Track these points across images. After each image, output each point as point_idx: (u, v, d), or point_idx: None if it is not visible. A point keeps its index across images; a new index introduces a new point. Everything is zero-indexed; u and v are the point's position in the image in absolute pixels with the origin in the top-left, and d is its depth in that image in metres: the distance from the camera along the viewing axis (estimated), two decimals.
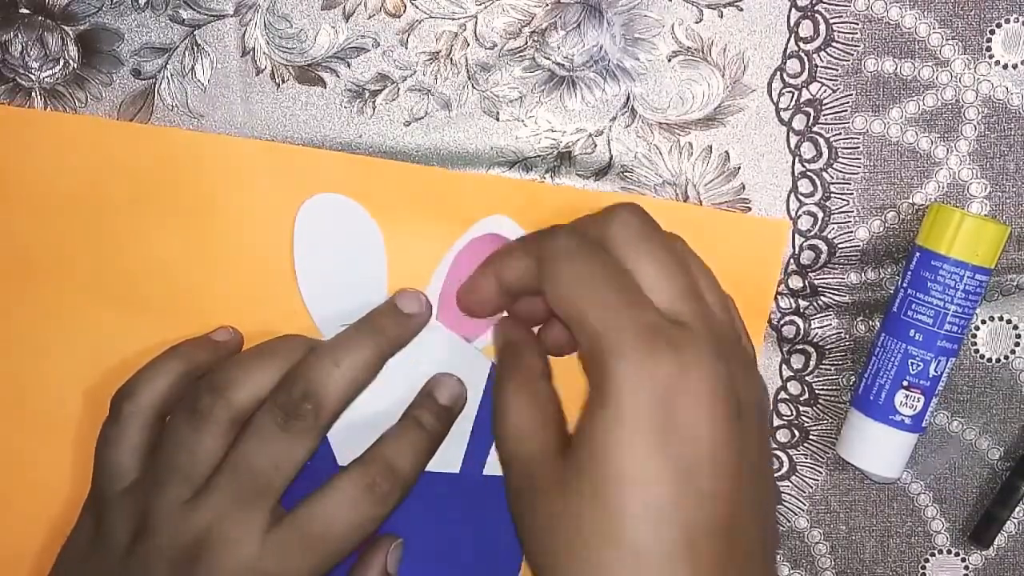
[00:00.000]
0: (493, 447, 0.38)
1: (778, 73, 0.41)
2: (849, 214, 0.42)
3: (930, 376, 0.39)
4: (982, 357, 0.42)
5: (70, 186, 0.39)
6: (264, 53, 0.40)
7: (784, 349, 0.42)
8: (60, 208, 0.39)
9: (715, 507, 0.29)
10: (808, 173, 0.41)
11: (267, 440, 0.35)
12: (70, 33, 0.39)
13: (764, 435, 0.33)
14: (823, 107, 0.41)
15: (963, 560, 0.43)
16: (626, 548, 0.29)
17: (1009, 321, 0.42)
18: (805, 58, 0.41)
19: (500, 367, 0.36)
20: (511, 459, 0.33)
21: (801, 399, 0.42)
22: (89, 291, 0.40)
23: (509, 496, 0.33)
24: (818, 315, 0.42)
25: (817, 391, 0.42)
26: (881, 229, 0.42)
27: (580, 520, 0.30)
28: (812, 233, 0.42)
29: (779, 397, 0.42)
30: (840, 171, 0.41)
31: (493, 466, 0.40)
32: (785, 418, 0.43)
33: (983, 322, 0.42)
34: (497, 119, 0.40)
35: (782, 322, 0.42)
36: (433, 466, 0.39)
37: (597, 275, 0.31)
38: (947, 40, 0.41)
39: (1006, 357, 0.42)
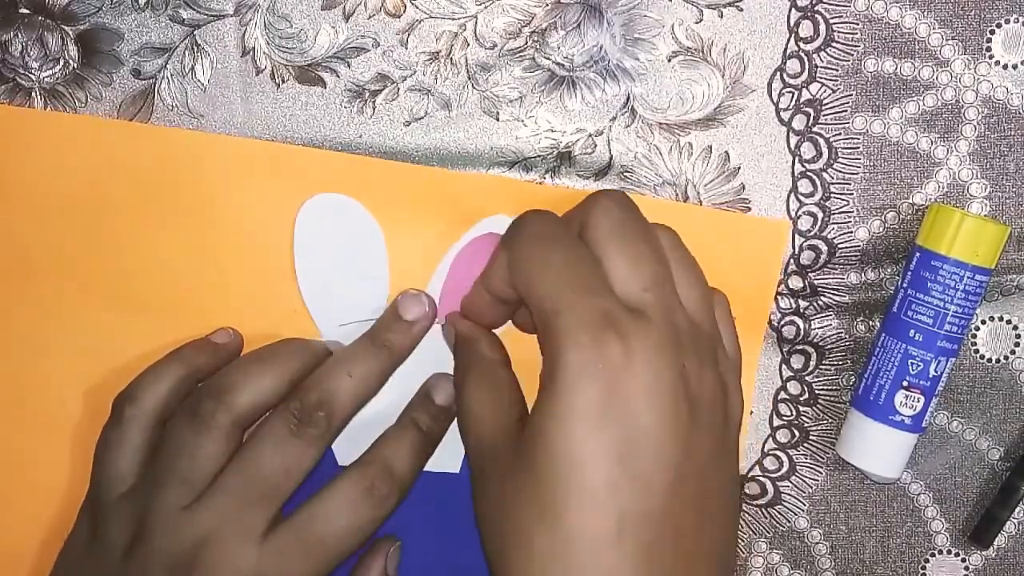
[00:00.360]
0: None
1: (778, 73, 0.41)
2: (849, 214, 0.42)
3: (930, 376, 0.39)
4: (982, 357, 0.42)
5: (70, 186, 0.39)
6: (264, 53, 0.40)
7: (784, 350, 0.42)
8: (60, 208, 0.39)
9: (649, 495, 0.30)
10: (808, 173, 0.41)
11: (280, 445, 0.35)
12: (70, 33, 0.39)
13: (720, 443, 0.33)
14: (823, 107, 0.41)
15: (963, 560, 0.43)
16: (560, 532, 0.29)
17: (1009, 321, 0.42)
18: (805, 58, 0.41)
19: (457, 358, 0.37)
20: (471, 447, 0.34)
21: (801, 399, 0.42)
22: (89, 291, 0.40)
23: (471, 476, 0.33)
24: (818, 315, 0.42)
25: (817, 391, 0.42)
26: (881, 229, 0.42)
27: (521, 504, 0.30)
28: (812, 233, 0.42)
29: (779, 397, 0.42)
30: (840, 171, 0.41)
31: None
32: (785, 418, 0.43)
33: (983, 322, 0.42)
34: (497, 119, 0.40)
35: (782, 322, 0.42)
36: (433, 466, 0.39)
37: (558, 258, 0.32)
38: (947, 40, 0.41)
39: (1006, 357, 0.42)
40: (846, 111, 0.41)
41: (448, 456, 0.40)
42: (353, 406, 0.36)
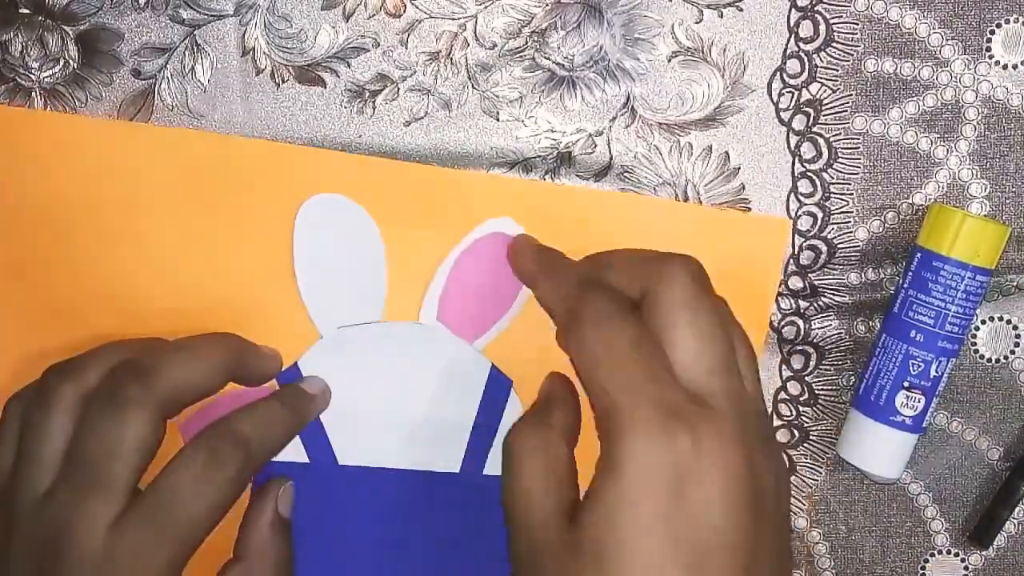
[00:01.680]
0: (493, 447, 0.38)
1: (778, 73, 0.41)
2: (849, 214, 0.42)
3: (931, 376, 0.39)
4: (982, 357, 0.42)
5: (69, 186, 0.39)
6: (264, 53, 0.40)
7: (784, 350, 0.42)
8: (59, 208, 0.39)
9: None
10: (808, 173, 0.41)
11: (95, 425, 0.33)
12: (70, 33, 0.39)
13: (780, 521, 0.31)
14: (823, 107, 0.41)
15: (963, 560, 0.43)
16: None
17: (1009, 321, 0.42)
18: (805, 58, 0.41)
19: (527, 417, 0.34)
20: (518, 520, 0.31)
21: (801, 399, 0.43)
22: (88, 291, 0.39)
23: (512, 555, 0.31)
24: (818, 316, 0.42)
25: (817, 391, 0.42)
26: (881, 229, 0.42)
27: None
28: (812, 233, 0.42)
29: (779, 397, 0.42)
30: (840, 171, 0.41)
31: (493, 466, 0.40)
32: (785, 418, 0.43)
33: (983, 322, 0.42)
34: (497, 119, 0.40)
35: (782, 323, 0.42)
36: (433, 466, 0.39)
37: (622, 344, 0.30)
38: (947, 40, 0.41)
39: (1006, 357, 0.43)
40: (846, 111, 0.41)
41: (448, 456, 0.40)
42: (178, 378, 0.34)
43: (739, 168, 0.41)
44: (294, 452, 0.40)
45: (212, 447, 0.34)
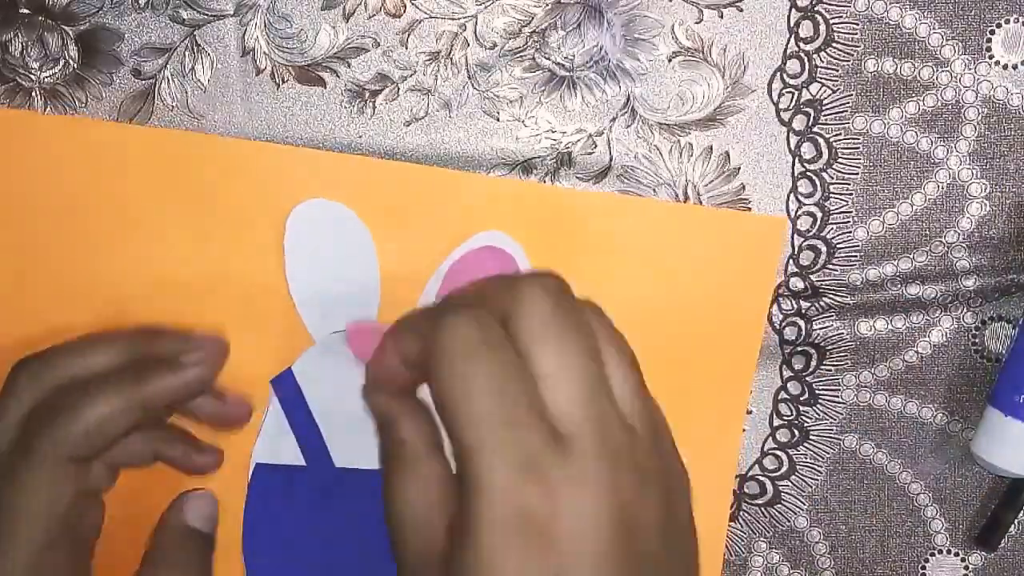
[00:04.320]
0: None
1: (778, 73, 0.41)
2: (849, 214, 0.42)
3: None
4: (983, 357, 0.42)
5: (65, 188, 0.39)
6: (264, 53, 0.40)
7: (785, 351, 0.42)
8: (55, 210, 0.39)
9: None
10: (808, 173, 0.41)
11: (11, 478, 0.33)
12: (70, 33, 0.39)
13: (670, 554, 0.30)
14: (823, 107, 0.41)
15: (963, 560, 0.43)
16: None
17: (1009, 321, 0.42)
18: (805, 58, 0.41)
19: (381, 443, 0.33)
20: (398, 553, 0.31)
21: (801, 399, 0.43)
22: (84, 293, 0.39)
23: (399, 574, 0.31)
24: (820, 316, 0.42)
25: (817, 391, 0.42)
26: (881, 229, 0.42)
27: None
28: (812, 233, 0.42)
29: (779, 397, 0.43)
30: (840, 171, 0.41)
31: None
32: (785, 418, 0.43)
33: (983, 322, 0.42)
34: (497, 119, 0.40)
35: (784, 323, 0.42)
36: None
37: (480, 381, 0.28)
38: (947, 40, 0.41)
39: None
40: (846, 111, 0.41)
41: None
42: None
43: (739, 168, 0.41)
44: (291, 455, 0.40)
45: (23, 439, 0.33)
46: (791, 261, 0.42)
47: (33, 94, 0.39)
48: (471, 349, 0.29)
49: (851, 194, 0.41)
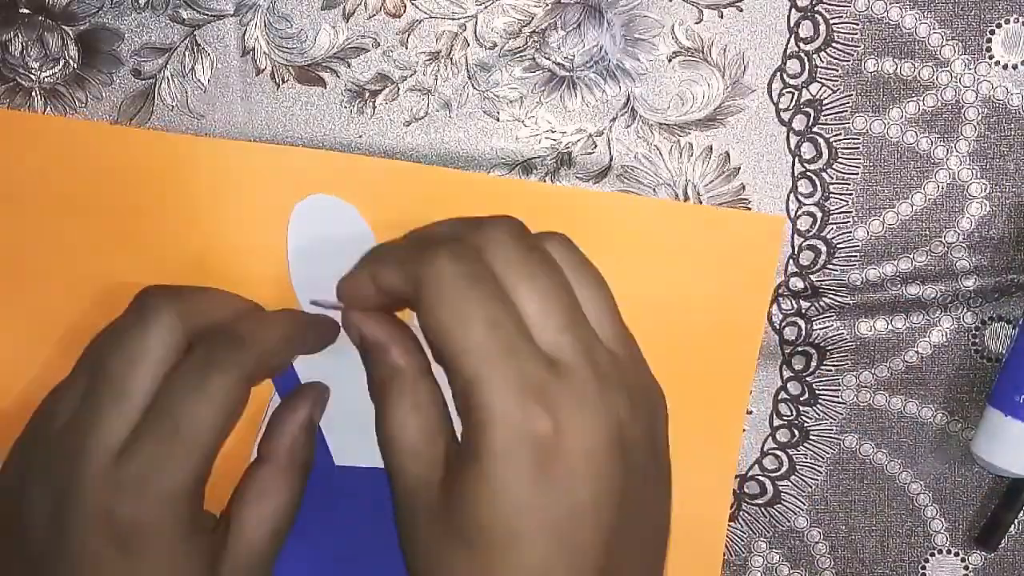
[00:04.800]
0: None
1: (778, 73, 0.41)
2: (849, 214, 0.42)
3: None
4: (982, 357, 0.42)
5: (65, 190, 0.39)
6: (264, 53, 0.40)
7: (785, 351, 0.42)
8: (56, 211, 0.39)
9: (586, 557, 0.29)
10: (808, 173, 0.41)
11: (180, 386, 0.32)
12: (70, 33, 0.39)
13: (652, 468, 0.32)
14: (823, 107, 0.41)
15: (963, 560, 0.43)
16: None
17: (1009, 321, 0.42)
18: (805, 58, 0.41)
19: (369, 369, 0.33)
20: (395, 477, 0.31)
21: (801, 399, 0.43)
22: (84, 293, 0.39)
23: (395, 505, 0.31)
24: (820, 316, 0.42)
25: (817, 391, 0.42)
26: (881, 229, 0.42)
27: (450, 563, 0.29)
28: (812, 233, 0.42)
29: (779, 397, 0.42)
30: (840, 171, 0.41)
31: None
32: (785, 418, 0.43)
33: (983, 322, 0.42)
34: (497, 119, 0.40)
35: (784, 324, 0.42)
36: None
37: (475, 312, 0.29)
38: (947, 40, 0.41)
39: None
40: (846, 111, 0.41)
41: None
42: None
43: (739, 168, 0.41)
44: None
45: (206, 348, 0.32)
46: (791, 261, 0.42)
47: (33, 94, 0.39)
48: (462, 281, 0.29)
49: (851, 194, 0.41)
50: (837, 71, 0.41)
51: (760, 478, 0.43)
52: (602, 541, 0.29)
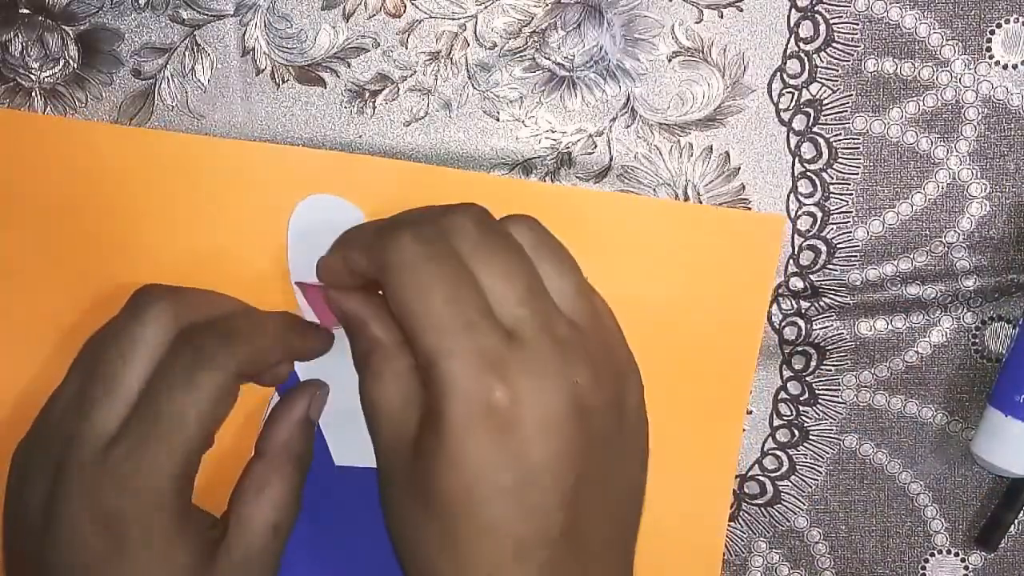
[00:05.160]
0: None
1: (778, 73, 0.41)
2: (849, 214, 0.42)
3: None
4: (982, 357, 0.42)
5: (66, 189, 0.39)
6: (264, 53, 0.40)
7: (785, 351, 0.42)
8: (56, 212, 0.39)
9: (546, 520, 0.30)
10: (808, 173, 0.41)
11: (172, 379, 0.33)
12: (70, 33, 0.39)
13: (618, 436, 0.33)
14: (823, 107, 0.41)
15: (963, 560, 0.43)
16: (460, 559, 0.30)
17: (1009, 321, 0.42)
18: (805, 58, 0.41)
19: (353, 344, 0.35)
20: (377, 443, 0.33)
21: (801, 399, 0.43)
22: (85, 293, 0.39)
23: (378, 470, 0.33)
24: (819, 316, 0.42)
25: (817, 391, 0.42)
26: (881, 229, 0.42)
27: (421, 526, 0.31)
28: (812, 233, 0.42)
29: (779, 397, 0.43)
30: (840, 171, 0.41)
31: None
32: (785, 418, 0.43)
33: (983, 322, 0.42)
34: (497, 119, 0.40)
35: (783, 323, 0.42)
36: None
37: (436, 289, 0.31)
38: (947, 40, 0.41)
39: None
40: (846, 111, 0.41)
41: None
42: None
43: (739, 168, 0.41)
44: None
45: (194, 344, 0.33)
46: (791, 261, 0.42)
47: (33, 94, 0.39)
48: (423, 261, 0.31)
49: (851, 194, 0.41)
50: (837, 71, 0.41)
51: (760, 478, 0.43)
52: (562, 503, 0.31)
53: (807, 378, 0.42)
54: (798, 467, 0.43)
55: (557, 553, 0.31)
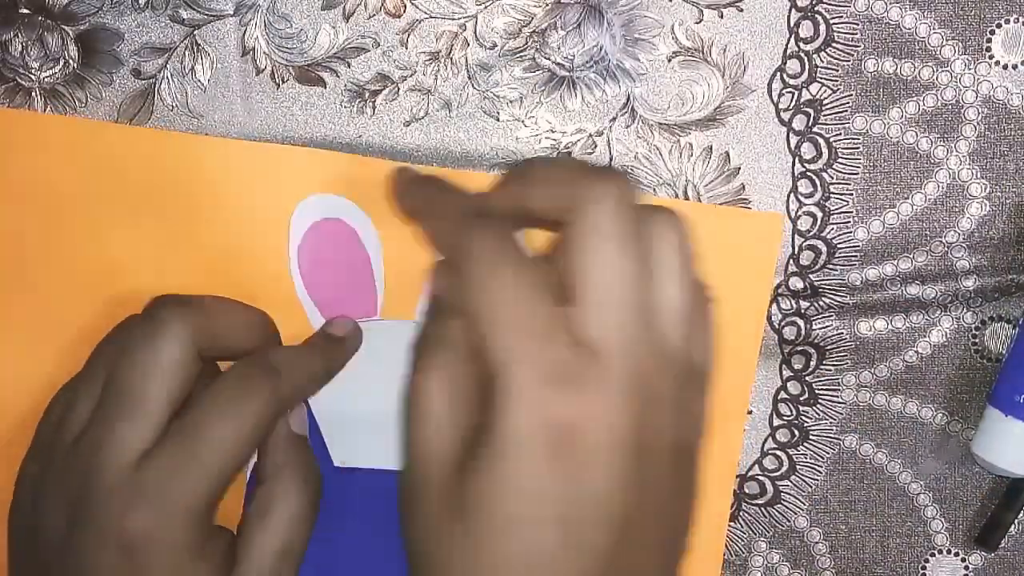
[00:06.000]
0: None
1: (778, 73, 0.41)
2: (849, 214, 0.42)
3: None
4: (982, 357, 0.42)
5: (66, 189, 0.39)
6: (264, 53, 0.40)
7: (785, 351, 0.42)
8: (57, 211, 0.39)
9: (596, 557, 0.28)
10: (808, 173, 0.41)
11: (130, 348, 0.34)
12: (70, 33, 0.39)
13: (672, 479, 0.31)
14: (823, 107, 0.41)
15: (963, 560, 0.43)
16: None
17: (1009, 321, 0.42)
18: (805, 58, 0.41)
19: (426, 331, 0.32)
20: (414, 441, 0.30)
21: (801, 399, 0.43)
22: (85, 292, 0.39)
23: (404, 471, 0.31)
24: (819, 316, 0.42)
25: (817, 391, 0.42)
26: (881, 229, 0.42)
27: (447, 538, 0.29)
28: (812, 233, 0.42)
29: (779, 397, 0.43)
30: (840, 171, 0.41)
31: None
32: (785, 418, 0.43)
33: (983, 322, 0.42)
34: (497, 119, 0.40)
35: (783, 323, 0.42)
36: None
37: (506, 293, 0.28)
38: (947, 40, 0.41)
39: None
40: (846, 111, 0.41)
41: None
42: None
43: (739, 168, 0.41)
44: None
45: (242, 374, 0.34)
46: (791, 261, 0.42)
47: (33, 94, 0.39)
48: (496, 257, 0.29)
49: (851, 194, 0.41)
50: (837, 71, 0.41)
51: (760, 478, 0.43)
52: (612, 539, 0.28)
53: (807, 378, 0.42)
54: (798, 467, 0.43)
55: None
